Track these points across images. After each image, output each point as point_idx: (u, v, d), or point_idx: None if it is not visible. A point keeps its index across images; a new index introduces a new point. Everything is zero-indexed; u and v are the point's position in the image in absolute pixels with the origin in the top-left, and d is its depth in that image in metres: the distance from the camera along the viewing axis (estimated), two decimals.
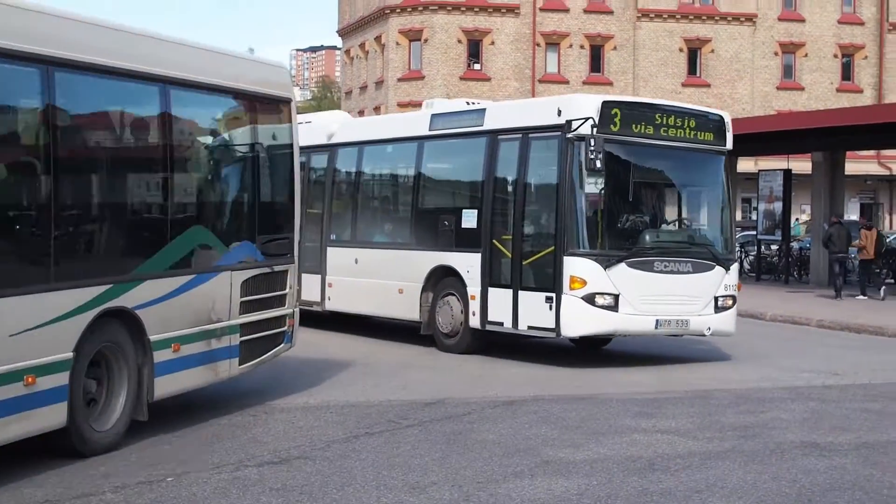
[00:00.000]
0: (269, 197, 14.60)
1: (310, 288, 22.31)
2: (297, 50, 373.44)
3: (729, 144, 19.13)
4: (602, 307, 17.27)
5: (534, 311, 17.77)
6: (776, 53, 69.35)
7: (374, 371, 17.21)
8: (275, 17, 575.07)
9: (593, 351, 20.03)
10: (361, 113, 72.65)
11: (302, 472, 10.15)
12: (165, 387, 11.86)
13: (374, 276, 21.28)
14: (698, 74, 68.49)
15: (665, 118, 18.31)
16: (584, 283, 17.23)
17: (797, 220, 52.28)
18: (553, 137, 17.92)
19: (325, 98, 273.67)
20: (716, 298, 18.35)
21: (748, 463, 10.80)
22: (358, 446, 11.33)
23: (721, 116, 19.27)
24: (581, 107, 17.58)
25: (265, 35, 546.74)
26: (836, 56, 70.15)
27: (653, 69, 67.68)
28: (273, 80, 14.33)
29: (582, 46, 67.66)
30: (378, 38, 70.03)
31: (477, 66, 67.12)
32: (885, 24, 70.41)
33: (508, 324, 18.28)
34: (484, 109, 19.96)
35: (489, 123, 19.36)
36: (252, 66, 14.25)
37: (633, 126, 17.88)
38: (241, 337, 13.21)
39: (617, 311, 17.33)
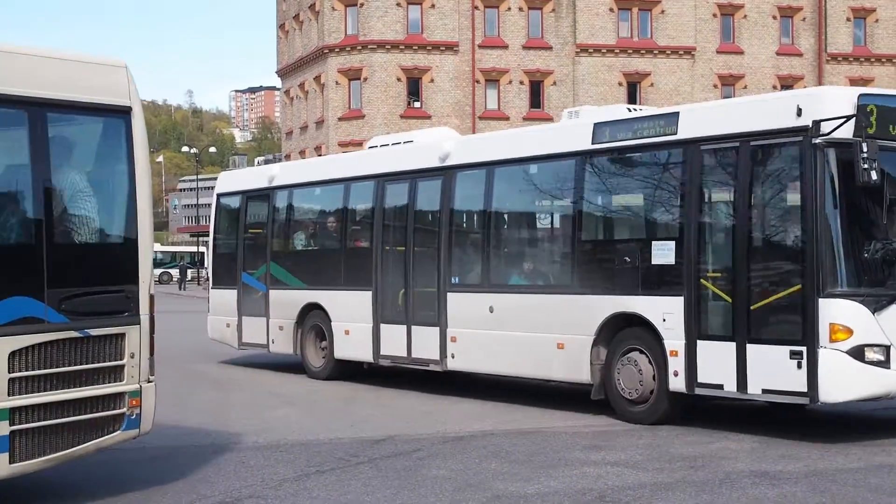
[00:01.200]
0: (82, 236, 11.10)
1: (424, 343, 18.99)
2: (237, 91, 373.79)
3: None
4: (872, 363, 13.55)
5: (772, 371, 13.89)
6: (715, 86, 69.90)
7: (322, 409, 17.19)
8: (212, 59, 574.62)
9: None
10: (303, 153, 72.56)
11: None
12: None
13: (520, 327, 17.35)
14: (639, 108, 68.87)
15: None
16: (850, 332, 13.42)
17: None
18: (791, 144, 14.09)
19: (266, 139, 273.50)
20: None
21: (699, 493, 10.81)
22: (309, 485, 11.27)
23: None
24: (833, 103, 13.81)
25: (203, 76, 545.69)
26: (775, 87, 70.56)
27: (593, 103, 67.27)
28: (99, 85, 10.92)
29: (521, 82, 68.00)
30: (317, 78, 70.04)
31: (417, 104, 67.24)
32: (822, 55, 71.19)
33: (731, 386, 14.33)
34: (676, 113, 15.80)
35: (686, 130, 15.36)
36: (65, 66, 10.80)
37: (891, 128, 14.07)
38: (12, 426, 9.75)
39: (889, 368, 13.67)
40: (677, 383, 14.92)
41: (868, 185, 13.26)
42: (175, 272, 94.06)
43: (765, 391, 14.06)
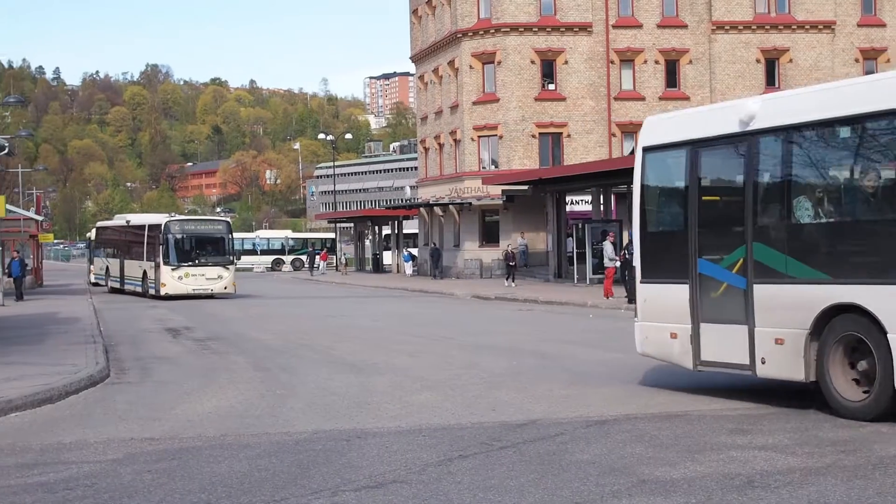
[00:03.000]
0: None
1: None
2: (371, 77, 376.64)
3: None
4: None
5: None
6: (857, 60, 68.42)
7: (463, 393, 17.16)
8: (347, 46, 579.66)
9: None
10: (438, 138, 72.83)
11: (399, 496, 10.12)
12: None
13: None
14: (777, 85, 67.78)
15: None
16: None
17: None
18: None
19: (400, 124, 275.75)
20: None
21: (851, 478, 10.56)
22: (453, 469, 11.27)
23: None
24: None
25: (338, 64, 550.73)
26: None
27: (730, 82, 67.15)
28: None
29: (657, 62, 67.35)
30: (451, 63, 70.17)
31: (551, 87, 67.03)
32: None
33: None
34: None
35: None
36: None
37: None
38: None
39: None
40: None
41: None
42: (306, 258, 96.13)
43: None
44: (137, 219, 62.06)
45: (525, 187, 60.34)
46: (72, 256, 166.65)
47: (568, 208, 60.44)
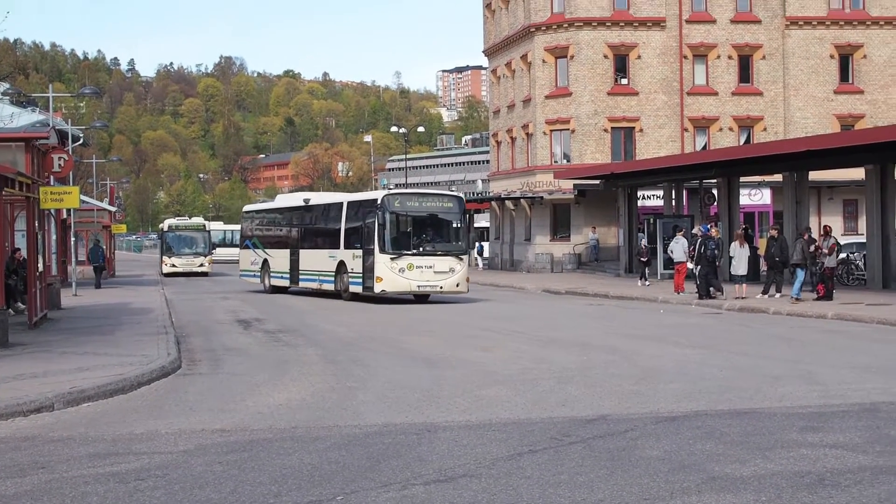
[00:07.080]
0: None
1: None
2: (444, 71, 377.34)
3: None
4: None
5: None
6: None
7: (533, 387, 17.19)
8: (420, 39, 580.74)
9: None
10: (510, 132, 72.84)
11: (468, 490, 10.18)
12: None
13: None
14: (851, 81, 67.15)
15: None
16: None
17: None
18: None
19: (472, 118, 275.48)
20: None
21: None
22: (522, 464, 11.32)
23: None
24: None
25: (411, 57, 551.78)
26: None
27: (803, 77, 66.58)
28: None
29: (730, 57, 66.90)
30: (524, 57, 70.14)
31: (624, 81, 66.79)
32: None
33: None
34: None
35: None
36: None
37: None
38: None
39: None
40: None
41: None
42: None
43: None
44: (324, 197, 50.80)
45: (597, 182, 60.29)
46: (143, 247, 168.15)
47: (639, 203, 60.26)
